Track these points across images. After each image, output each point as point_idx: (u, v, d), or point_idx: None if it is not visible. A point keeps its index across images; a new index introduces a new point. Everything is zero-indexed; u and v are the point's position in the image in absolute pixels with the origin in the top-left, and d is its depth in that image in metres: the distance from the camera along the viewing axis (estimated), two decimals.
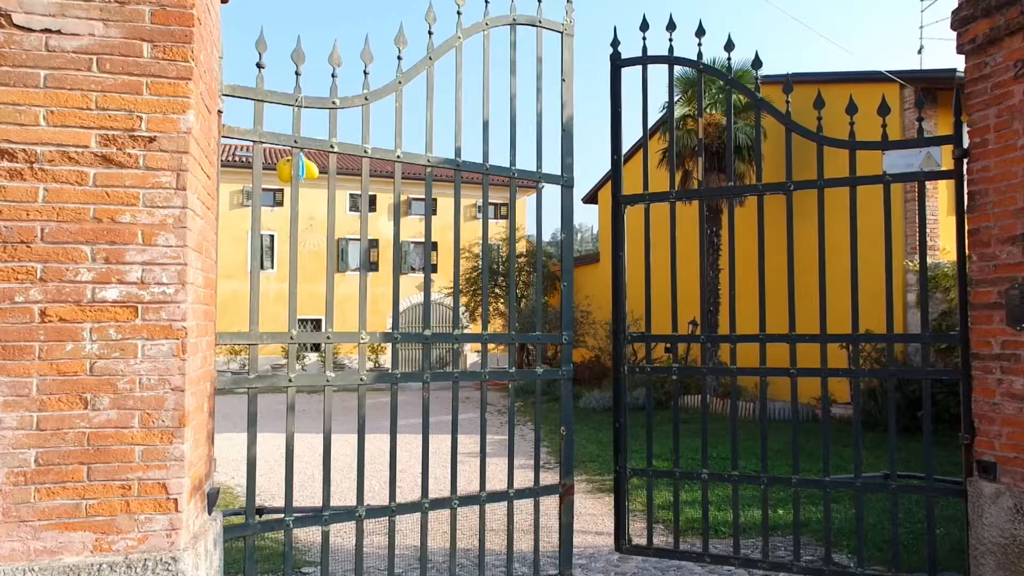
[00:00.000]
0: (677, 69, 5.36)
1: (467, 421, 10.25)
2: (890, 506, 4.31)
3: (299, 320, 3.54)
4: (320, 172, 3.95)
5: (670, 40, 4.85)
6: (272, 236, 25.31)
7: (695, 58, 4.88)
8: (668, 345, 5.23)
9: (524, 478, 7.96)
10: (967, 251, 4.11)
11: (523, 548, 5.08)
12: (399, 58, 3.88)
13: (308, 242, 16.89)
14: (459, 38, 4.08)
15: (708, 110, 14.37)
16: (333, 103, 3.68)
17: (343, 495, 7.03)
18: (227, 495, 7.51)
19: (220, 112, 3.41)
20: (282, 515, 3.54)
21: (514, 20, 4.28)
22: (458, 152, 4.10)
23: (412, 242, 26.46)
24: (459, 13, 4.09)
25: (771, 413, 11.95)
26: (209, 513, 3.17)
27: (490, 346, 4.47)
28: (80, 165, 2.69)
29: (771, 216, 4.86)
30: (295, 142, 3.59)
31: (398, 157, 3.90)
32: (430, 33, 3.99)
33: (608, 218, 12.77)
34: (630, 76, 5.08)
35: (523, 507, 5.54)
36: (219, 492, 3.29)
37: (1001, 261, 3.84)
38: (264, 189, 25.43)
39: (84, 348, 2.67)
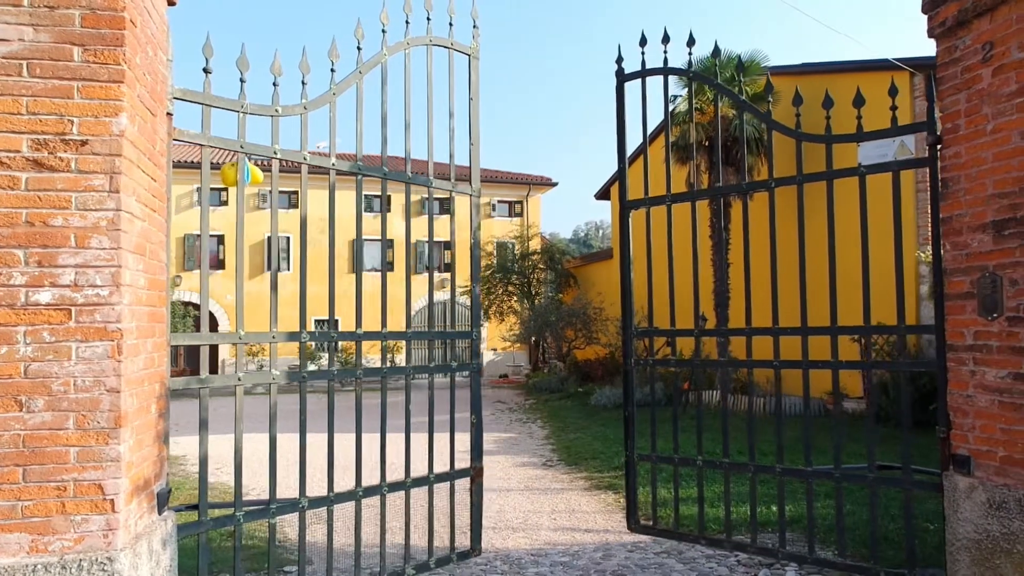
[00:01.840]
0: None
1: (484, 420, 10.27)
2: (870, 497, 4.27)
3: (315, 320, 3.68)
4: (264, 172, 4.02)
5: (664, 52, 5.11)
6: (287, 238, 25.51)
7: (686, 67, 5.12)
8: (667, 340, 5.33)
9: (529, 475, 7.93)
10: (941, 240, 4.00)
11: (459, 524, 5.22)
12: (332, 70, 4.06)
13: (321, 243, 17.19)
14: (385, 55, 4.39)
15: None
16: (276, 111, 3.82)
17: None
18: (227, 495, 7.55)
19: (170, 115, 3.42)
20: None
21: (430, 41, 4.68)
22: (384, 162, 4.41)
23: (424, 241, 26.55)
24: (384, 32, 4.35)
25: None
26: (160, 513, 3.19)
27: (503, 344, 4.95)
28: (12, 170, 2.71)
29: (780, 211, 4.78)
30: (241, 147, 3.66)
31: (333, 165, 4.14)
32: (359, 48, 4.21)
33: (617, 218, 12.77)
34: (636, 85, 5.40)
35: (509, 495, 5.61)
36: (170, 492, 3.30)
37: (973, 250, 3.73)
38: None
39: (18, 351, 2.69)
